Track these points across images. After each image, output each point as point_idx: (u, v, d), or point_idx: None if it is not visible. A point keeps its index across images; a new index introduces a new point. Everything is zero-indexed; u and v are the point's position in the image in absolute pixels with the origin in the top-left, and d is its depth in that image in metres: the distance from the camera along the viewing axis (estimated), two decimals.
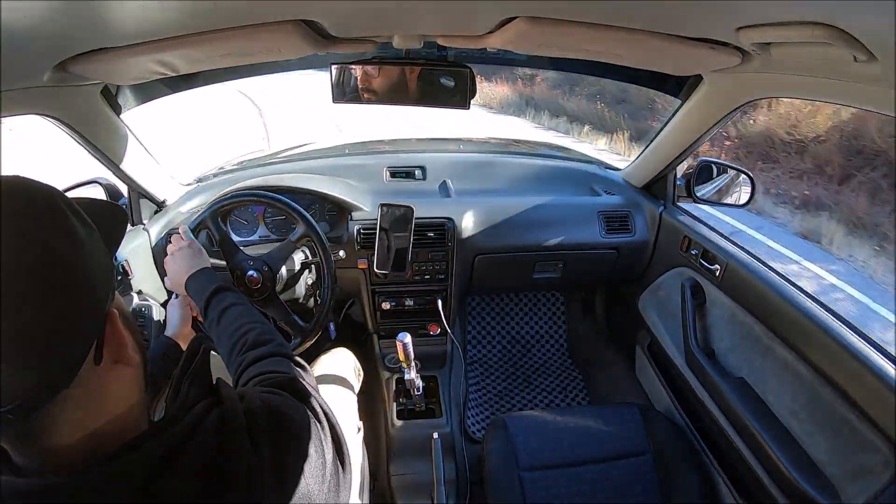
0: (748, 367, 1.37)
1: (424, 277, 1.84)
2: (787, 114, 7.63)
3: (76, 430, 0.50)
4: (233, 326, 0.96)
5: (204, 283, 1.11)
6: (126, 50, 0.88)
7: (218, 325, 1.00)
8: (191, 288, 1.13)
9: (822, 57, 0.76)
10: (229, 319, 0.98)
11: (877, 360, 1.02)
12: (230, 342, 0.93)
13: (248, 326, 0.94)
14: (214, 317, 1.02)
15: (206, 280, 1.12)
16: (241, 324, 0.96)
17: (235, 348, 0.90)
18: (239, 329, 0.94)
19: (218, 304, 1.04)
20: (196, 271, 1.15)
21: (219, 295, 1.06)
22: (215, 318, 1.01)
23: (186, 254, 1.20)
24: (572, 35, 0.88)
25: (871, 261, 5.28)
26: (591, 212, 1.86)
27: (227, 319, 0.99)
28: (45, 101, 1.09)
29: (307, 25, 0.85)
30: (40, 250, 0.46)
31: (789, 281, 1.31)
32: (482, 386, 2.24)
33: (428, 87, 1.17)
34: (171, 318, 1.27)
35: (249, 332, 0.92)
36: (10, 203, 0.46)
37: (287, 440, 0.61)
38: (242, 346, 0.89)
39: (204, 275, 1.15)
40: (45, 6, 0.61)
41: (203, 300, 1.06)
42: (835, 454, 1.10)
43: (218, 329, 0.99)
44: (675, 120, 1.54)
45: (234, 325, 0.96)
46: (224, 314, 1.00)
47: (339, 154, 2.20)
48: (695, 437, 1.62)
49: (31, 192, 0.49)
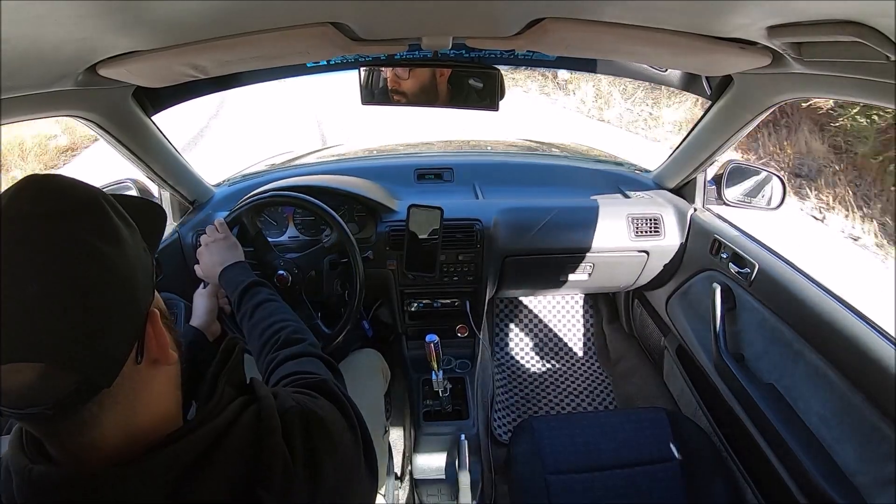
0: (778, 373, 1.35)
1: (453, 279, 1.84)
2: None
3: (115, 427, 0.50)
4: (266, 322, 0.97)
5: (239, 276, 1.13)
6: (157, 53, 0.89)
7: (250, 320, 1.01)
8: (225, 279, 1.15)
9: (853, 56, 0.75)
10: (263, 315, 0.99)
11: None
12: (262, 338, 0.94)
13: (281, 324, 0.95)
14: (247, 311, 1.03)
15: (241, 273, 1.14)
16: (275, 321, 0.96)
17: (268, 345, 0.91)
18: (272, 326, 0.95)
19: (252, 298, 1.05)
20: (231, 264, 1.17)
21: (253, 289, 1.07)
22: (248, 313, 1.02)
23: (222, 246, 1.22)
24: (600, 36, 0.89)
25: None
26: (620, 214, 1.84)
27: (261, 315, 1.00)
28: (78, 102, 1.11)
29: (336, 27, 0.86)
30: (84, 251, 0.46)
31: (821, 286, 1.28)
32: (509, 388, 2.24)
33: (457, 89, 1.17)
34: (197, 308, 1.27)
35: (282, 329, 0.92)
36: (54, 204, 0.47)
37: (320, 443, 0.60)
38: (275, 343, 0.90)
39: (239, 268, 1.16)
40: (77, 9, 0.62)
41: (237, 293, 1.08)
42: (864, 463, 1.07)
43: (250, 323, 1.00)
44: (704, 121, 1.52)
45: (268, 322, 0.97)
46: (257, 309, 1.01)
47: (368, 156, 2.23)
48: (722, 443, 1.60)
49: (74, 193, 0.49)
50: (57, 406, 0.45)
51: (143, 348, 0.51)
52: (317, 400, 0.67)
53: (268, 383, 0.82)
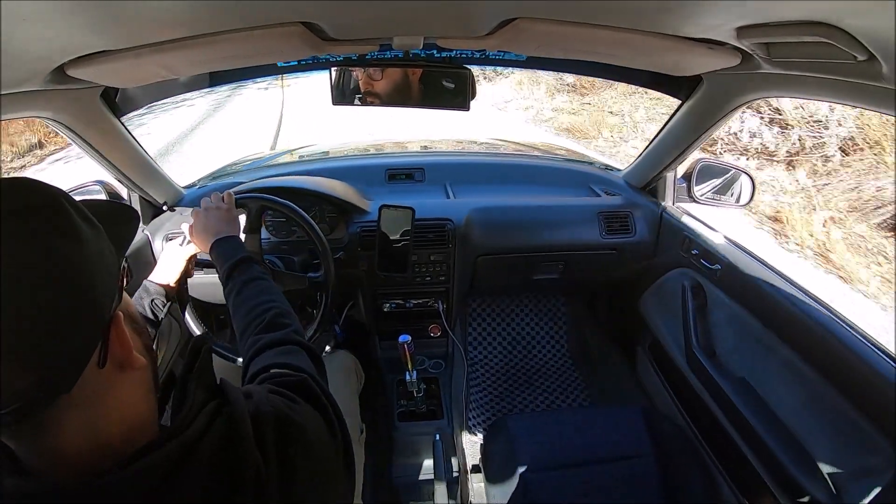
0: (750, 367, 1.37)
1: (425, 279, 1.84)
2: None
3: (80, 434, 0.48)
4: (253, 301, 0.94)
5: (233, 249, 1.10)
6: (126, 53, 0.88)
7: (237, 296, 0.98)
8: (218, 250, 1.11)
9: (821, 56, 0.76)
10: (251, 293, 0.97)
11: (879, 359, 1.02)
12: (247, 317, 0.91)
13: (268, 305, 0.92)
14: (235, 286, 1.00)
15: (235, 247, 1.11)
16: (262, 301, 0.94)
17: (252, 325, 0.89)
18: (259, 305, 0.93)
19: (242, 273, 1.02)
20: (226, 236, 1.14)
21: (245, 264, 1.04)
22: (236, 288, 1.00)
23: (223, 216, 1.18)
24: (571, 36, 0.89)
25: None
26: (590, 213, 1.86)
27: (249, 292, 0.97)
28: (45, 103, 1.08)
29: (307, 27, 0.85)
30: (41, 250, 0.44)
31: (789, 280, 1.31)
32: (484, 387, 2.24)
33: (429, 89, 1.17)
34: (164, 264, 1.24)
35: (268, 311, 0.90)
36: (11, 203, 0.45)
37: (295, 448, 0.59)
38: (259, 324, 0.88)
39: (234, 241, 1.13)
40: (45, 9, 0.60)
41: (227, 266, 1.05)
42: (837, 454, 1.10)
43: (237, 300, 0.98)
44: (674, 120, 1.54)
45: (255, 301, 0.94)
46: (246, 286, 0.99)
47: (339, 156, 2.20)
48: (697, 437, 1.62)
49: (33, 193, 0.47)
50: (15, 411, 0.43)
51: (107, 352, 0.49)
52: (294, 404, 0.65)
53: (248, 368, 0.80)
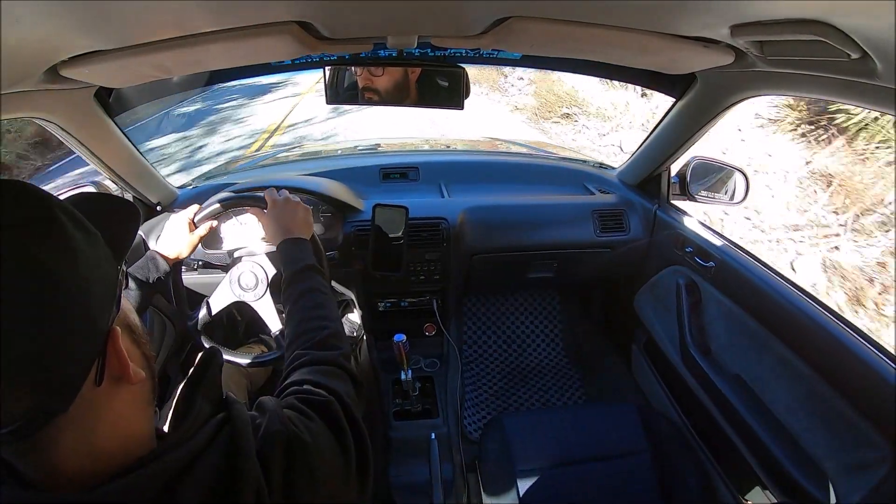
0: (744, 364, 1.38)
1: (420, 278, 1.83)
2: None
3: (77, 450, 0.47)
4: (309, 314, 0.95)
5: (302, 253, 1.10)
6: (120, 53, 0.87)
7: (294, 304, 0.99)
8: (285, 249, 1.12)
9: (815, 54, 0.76)
10: (309, 304, 0.98)
11: (872, 355, 1.03)
12: (299, 328, 0.92)
13: (324, 322, 0.93)
14: (294, 293, 1.00)
15: (304, 252, 1.11)
16: (319, 315, 0.94)
17: (302, 337, 0.89)
18: (314, 320, 0.93)
19: (304, 281, 1.03)
20: (300, 237, 1.14)
21: (309, 272, 1.05)
22: (294, 294, 1.00)
23: (301, 215, 1.19)
24: (565, 35, 0.88)
25: None
26: (584, 211, 1.86)
27: (306, 303, 0.98)
28: (38, 104, 1.07)
29: (301, 27, 0.84)
30: (29, 267, 0.42)
31: (782, 277, 1.31)
32: (479, 386, 2.24)
33: (425, 88, 1.17)
34: (170, 233, 1.26)
35: (323, 329, 0.90)
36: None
37: (300, 471, 0.57)
38: (309, 339, 0.88)
39: (305, 245, 1.14)
40: (38, 8, 0.60)
41: (292, 271, 1.05)
42: (831, 449, 1.10)
43: (292, 307, 0.98)
44: (668, 118, 1.55)
45: (311, 314, 0.95)
46: (305, 296, 0.99)
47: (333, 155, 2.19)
48: (692, 434, 1.63)
49: (21, 204, 0.44)
50: (11, 433, 0.42)
51: (104, 368, 0.48)
52: (309, 421, 0.63)
53: (286, 377, 0.79)
